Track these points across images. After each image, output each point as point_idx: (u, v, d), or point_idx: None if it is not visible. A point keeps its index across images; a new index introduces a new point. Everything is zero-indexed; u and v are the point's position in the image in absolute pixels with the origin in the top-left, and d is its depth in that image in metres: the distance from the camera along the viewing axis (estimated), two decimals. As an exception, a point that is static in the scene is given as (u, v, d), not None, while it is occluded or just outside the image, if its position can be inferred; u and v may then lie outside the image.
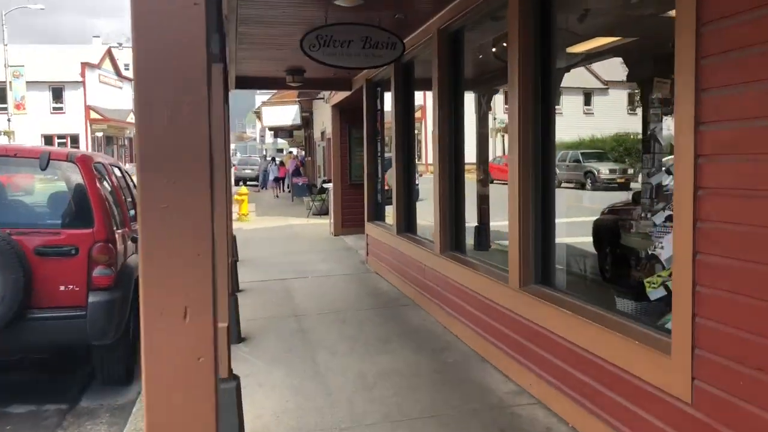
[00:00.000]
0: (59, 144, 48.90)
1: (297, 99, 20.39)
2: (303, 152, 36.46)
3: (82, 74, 49.26)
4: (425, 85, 9.08)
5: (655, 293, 3.90)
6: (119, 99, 54.24)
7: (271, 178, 32.81)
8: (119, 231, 5.42)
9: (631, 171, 22.16)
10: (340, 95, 12.77)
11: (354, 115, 13.68)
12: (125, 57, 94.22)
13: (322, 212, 18.84)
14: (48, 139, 48.68)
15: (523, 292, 4.68)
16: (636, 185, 20.02)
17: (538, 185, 4.71)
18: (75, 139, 49.63)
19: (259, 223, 17.55)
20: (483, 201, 9.18)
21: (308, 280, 9.30)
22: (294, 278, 9.38)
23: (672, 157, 7.11)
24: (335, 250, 12.09)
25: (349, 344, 5.95)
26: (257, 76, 10.70)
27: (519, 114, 4.67)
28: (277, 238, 14.31)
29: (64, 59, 47.77)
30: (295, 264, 10.59)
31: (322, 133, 20.35)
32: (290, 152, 36.88)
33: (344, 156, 14.10)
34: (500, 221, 10.28)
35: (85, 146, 49.45)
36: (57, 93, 49.29)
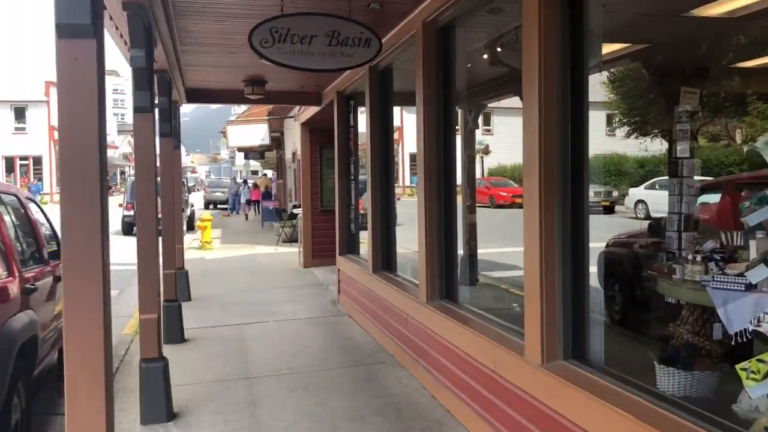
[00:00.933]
0: (21, 166, 46.92)
1: (266, 117, 19.05)
2: (275, 174, 35.04)
3: (47, 93, 47.38)
4: (406, 100, 7.82)
5: (759, 389, 2.62)
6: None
7: (243, 200, 31.65)
8: (-3, 282, 4.02)
9: (615, 194, 21.37)
10: (310, 111, 11.48)
11: (325, 133, 12.39)
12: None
13: (293, 240, 17.45)
14: (9, 161, 46.64)
15: (547, 372, 3.37)
16: (621, 208, 19.06)
17: (566, 228, 3.43)
18: (38, 161, 47.74)
19: (222, 252, 16.08)
20: (470, 229, 7.93)
21: (269, 325, 7.89)
22: (253, 323, 7.96)
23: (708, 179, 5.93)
24: (303, 286, 10.69)
25: (311, 427, 4.56)
26: (211, 87, 9.36)
27: (540, 125, 3.40)
28: (240, 270, 12.87)
29: (28, 78, 45.89)
30: (257, 303, 9.18)
31: (293, 154, 19.03)
32: (265, 174, 35.44)
33: (315, 179, 12.78)
34: (482, 248, 9.15)
35: (48, 168, 47.46)
36: (19, 112, 47.36)
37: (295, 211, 16.05)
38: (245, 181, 38.01)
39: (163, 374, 4.79)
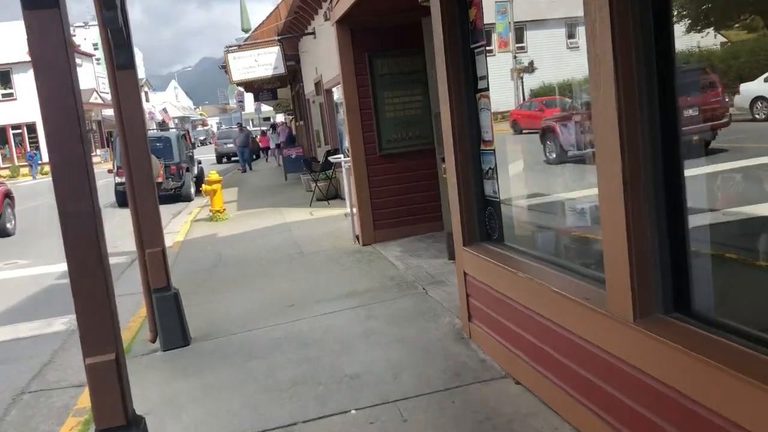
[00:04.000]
0: (15, 135, 42.60)
1: (277, 38, 14.40)
2: (290, 119, 30.72)
3: (30, 53, 42.68)
4: None
5: None
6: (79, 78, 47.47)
7: (272, 146, 29.08)
8: None
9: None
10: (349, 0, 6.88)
11: (378, 34, 7.87)
12: (92, 35, 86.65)
13: (330, 196, 13.15)
14: (1, 131, 42.39)
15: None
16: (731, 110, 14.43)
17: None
18: (32, 128, 43.41)
19: (241, 224, 11.79)
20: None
21: (352, 425, 3.61)
22: (316, 419, 3.68)
23: None
24: (380, 288, 6.29)
25: None
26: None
27: None
28: (271, 256, 8.53)
29: (10, 38, 40.90)
30: (310, 346, 4.87)
31: (317, 85, 14.45)
32: (287, 120, 31.60)
33: (366, 108, 8.29)
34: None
35: (44, 135, 43.22)
36: (4, 77, 42.87)
37: (332, 158, 11.63)
38: (273, 126, 33.86)
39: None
